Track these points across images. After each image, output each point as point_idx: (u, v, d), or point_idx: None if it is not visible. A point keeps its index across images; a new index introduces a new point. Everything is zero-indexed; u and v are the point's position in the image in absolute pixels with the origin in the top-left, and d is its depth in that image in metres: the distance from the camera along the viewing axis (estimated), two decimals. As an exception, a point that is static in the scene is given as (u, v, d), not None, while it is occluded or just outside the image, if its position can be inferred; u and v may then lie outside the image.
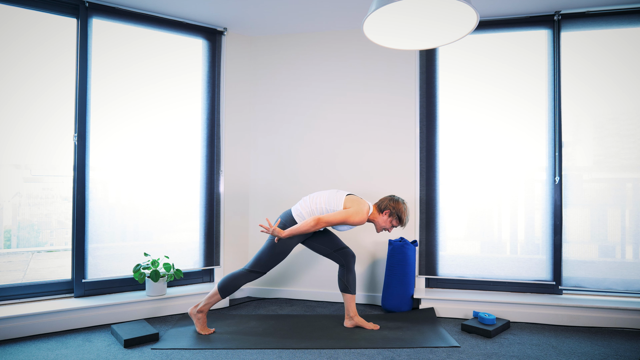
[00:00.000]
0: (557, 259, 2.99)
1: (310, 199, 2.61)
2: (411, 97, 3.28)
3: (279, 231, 2.42)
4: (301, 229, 2.43)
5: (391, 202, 2.57)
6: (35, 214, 2.92)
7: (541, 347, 2.40)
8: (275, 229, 2.42)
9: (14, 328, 2.48)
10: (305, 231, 2.44)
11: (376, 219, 2.60)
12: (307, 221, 2.43)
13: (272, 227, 2.41)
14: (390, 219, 2.57)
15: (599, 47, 2.96)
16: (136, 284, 3.06)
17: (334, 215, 2.45)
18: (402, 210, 2.56)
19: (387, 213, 2.57)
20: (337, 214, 2.45)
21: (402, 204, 2.58)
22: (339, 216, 2.45)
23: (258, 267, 2.56)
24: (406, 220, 2.59)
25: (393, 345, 2.39)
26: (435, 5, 1.84)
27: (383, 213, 2.58)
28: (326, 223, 2.44)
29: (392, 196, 2.62)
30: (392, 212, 2.56)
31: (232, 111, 3.46)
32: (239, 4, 2.95)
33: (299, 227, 2.43)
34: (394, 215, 2.56)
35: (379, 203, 2.62)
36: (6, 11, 2.69)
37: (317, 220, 2.43)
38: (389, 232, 2.65)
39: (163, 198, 3.17)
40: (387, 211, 2.56)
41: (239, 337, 2.51)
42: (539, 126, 3.06)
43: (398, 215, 2.56)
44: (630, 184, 2.93)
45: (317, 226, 2.43)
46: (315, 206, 2.56)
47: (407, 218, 2.59)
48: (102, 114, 2.94)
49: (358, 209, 2.48)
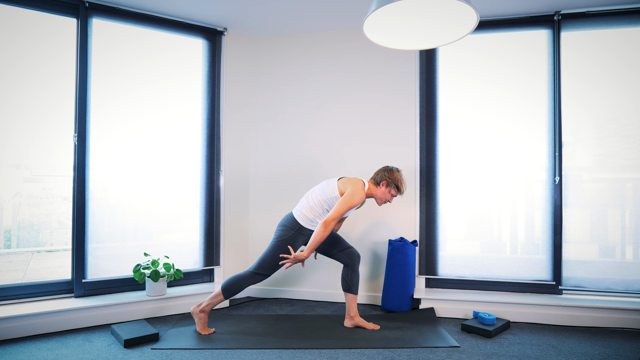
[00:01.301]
0: (557, 259, 2.99)
1: (307, 197, 2.63)
2: (411, 97, 3.28)
3: (301, 255, 2.45)
4: (316, 239, 2.44)
5: (386, 173, 2.59)
6: (35, 214, 2.92)
7: (541, 347, 2.40)
8: (297, 256, 2.44)
9: (14, 328, 2.48)
10: (321, 239, 2.44)
11: (374, 193, 2.62)
12: (316, 231, 2.44)
13: (293, 256, 2.43)
14: (389, 189, 2.59)
15: (599, 47, 2.96)
16: (136, 284, 3.06)
17: (336, 209, 2.45)
18: (398, 179, 2.58)
19: (384, 184, 2.59)
20: (338, 206, 2.45)
21: (396, 173, 2.60)
22: (341, 206, 2.45)
23: (262, 269, 2.56)
24: (404, 188, 2.61)
25: (393, 345, 2.39)
26: (435, 5, 1.84)
27: (380, 185, 2.60)
28: (334, 220, 2.44)
29: (385, 167, 2.64)
30: (388, 182, 2.58)
31: (232, 111, 3.46)
32: (239, 4, 2.95)
33: (314, 240, 2.44)
34: (391, 185, 2.58)
35: (374, 177, 2.64)
36: (6, 11, 2.69)
37: (324, 223, 2.43)
38: (390, 202, 2.68)
39: (163, 198, 3.17)
40: (384, 182, 2.58)
41: (239, 337, 2.51)
42: (539, 126, 3.06)
43: (395, 184, 2.58)
44: (630, 184, 2.93)
45: (327, 228, 2.43)
46: (313, 201, 2.58)
47: (405, 186, 2.61)
48: (102, 114, 2.94)
49: (354, 188, 2.49)
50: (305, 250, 2.46)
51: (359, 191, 2.49)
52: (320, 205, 2.57)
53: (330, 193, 2.55)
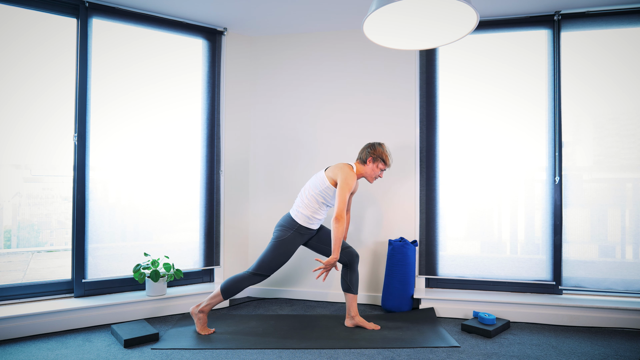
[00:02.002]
0: (557, 259, 2.99)
1: (300, 195, 2.65)
2: (411, 97, 3.28)
3: (332, 259, 2.43)
4: (337, 236, 2.43)
5: (370, 150, 2.63)
6: (35, 214, 2.92)
7: (541, 347, 2.40)
8: (329, 261, 2.43)
9: (14, 328, 2.48)
10: (341, 234, 2.44)
11: (364, 171, 2.65)
12: (333, 229, 2.44)
13: (324, 263, 2.43)
14: (376, 164, 2.63)
15: (599, 47, 2.96)
16: (136, 284, 3.06)
17: (339, 200, 2.46)
18: (382, 152, 2.62)
19: (371, 160, 2.63)
20: (339, 196, 2.46)
21: (379, 147, 2.63)
22: (342, 195, 2.46)
23: (262, 269, 2.57)
24: (390, 160, 2.65)
25: (393, 345, 2.39)
26: (435, 5, 1.84)
27: (367, 163, 2.63)
28: (342, 211, 2.44)
29: (367, 144, 2.68)
30: (374, 157, 2.62)
31: (232, 111, 3.46)
32: (239, 4, 2.95)
33: (335, 238, 2.43)
34: (377, 159, 2.62)
35: (359, 157, 2.67)
36: (6, 11, 2.69)
37: (336, 219, 2.43)
38: (381, 177, 2.74)
39: (163, 198, 3.17)
40: (370, 158, 2.63)
41: (239, 337, 2.51)
42: (539, 126, 3.06)
43: (381, 158, 2.62)
44: (630, 184, 2.93)
45: (341, 221, 2.43)
46: (307, 198, 2.60)
47: (391, 157, 2.65)
48: (102, 114, 2.94)
49: (345, 173, 2.51)
50: (333, 252, 2.45)
51: (350, 174, 2.52)
52: (315, 199, 2.58)
53: (322, 185, 2.57)
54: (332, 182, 2.56)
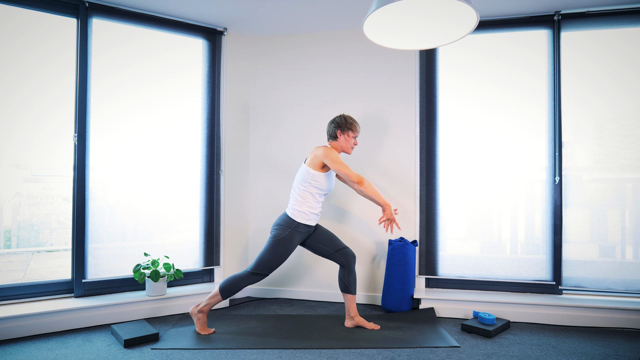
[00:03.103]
0: (557, 259, 2.99)
1: (292, 194, 2.64)
2: (411, 97, 3.28)
3: (387, 208, 2.56)
4: (373, 191, 2.54)
5: (333, 124, 2.67)
6: (35, 214, 2.92)
7: (541, 347, 2.40)
8: (386, 213, 2.55)
9: (14, 328, 2.48)
10: (375, 190, 2.55)
11: (339, 146, 2.68)
12: (365, 190, 2.53)
13: (385, 215, 2.55)
14: (346, 134, 2.65)
15: (599, 47, 2.96)
16: (136, 284, 3.06)
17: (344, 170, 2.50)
18: (345, 121, 2.66)
19: (339, 133, 2.65)
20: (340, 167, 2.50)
21: (341, 118, 2.67)
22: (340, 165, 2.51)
23: (260, 269, 2.56)
24: (356, 124, 2.67)
25: (393, 345, 2.39)
26: (435, 5, 1.84)
27: (338, 136, 2.66)
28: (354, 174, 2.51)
29: (330, 121, 2.73)
30: (342, 129, 2.64)
31: (232, 111, 3.46)
32: (239, 4, 2.95)
33: (373, 193, 2.54)
34: (344, 130, 2.64)
35: (328, 135, 2.72)
36: (6, 11, 2.69)
37: (359, 184, 2.52)
38: (357, 144, 2.83)
39: (163, 198, 3.17)
40: (338, 131, 2.65)
41: (239, 337, 2.51)
42: (539, 126, 3.06)
43: (347, 127, 2.64)
44: (630, 184, 2.93)
45: (364, 182, 2.52)
46: (299, 193, 2.59)
47: (356, 123, 2.68)
48: (102, 114, 2.94)
49: (325, 150, 2.54)
50: (382, 205, 2.55)
51: (331, 151, 2.55)
52: (308, 192, 2.58)
53: (307, 175, 2.57)
54: (317, 167, 2.55)
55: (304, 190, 2.58)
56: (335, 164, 2.50)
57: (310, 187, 2.57)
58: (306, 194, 2.58)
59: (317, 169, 2.55)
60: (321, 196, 2.64)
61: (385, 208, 2.55)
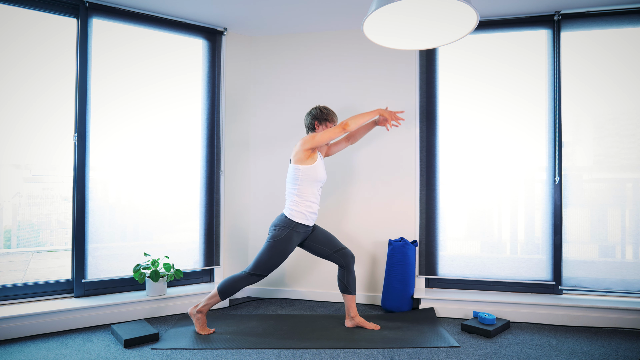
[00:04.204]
0: (557, 259, 2.99)
1: (287, 196, 2.62)
2: (411, 97, 3.28)
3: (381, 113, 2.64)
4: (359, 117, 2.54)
5: (310, 117, 2.71)
6: (35, 214, 2.92)
7: (541, 347, 2.40)
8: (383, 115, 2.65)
9: (14, 328, 2.48)
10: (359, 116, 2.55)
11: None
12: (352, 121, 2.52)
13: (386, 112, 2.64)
14: (324, 125, 2.68)
15: (599, 47, 2.96)
16: (136, 284, 3.06)
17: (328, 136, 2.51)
18: (320, 113, 2.68)
19: (317, 124, 2.68)
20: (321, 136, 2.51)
21: (317, 110, 2.69)
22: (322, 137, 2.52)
23: (258, 269, 2.56)
24: (333, 115, 2.70)
25: (393, 345, 2.39)
26: (435, 5, 1.84)
27: (316, 128, 2.68)
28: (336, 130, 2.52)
29: (306, 114, 2.74)
30: (319, 120, 2.67)
31: (232, 111, 3.46)
32: (239, 4, 2.95)
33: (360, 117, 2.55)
34: (322, 121, 2.67)
35: (306, 128, 2.74)
36: (6, 11, 2.69)
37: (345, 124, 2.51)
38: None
39: (163, 198, 3.17)
40: (316, 122, 2.68)
41: (239, 337, 2.51)
42: (539, 126, 3.06)
43: (324, 118, 2.67)
44: (630, 184, 2.93)
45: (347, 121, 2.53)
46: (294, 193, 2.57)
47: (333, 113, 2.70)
48: (102, 114, 2.94)
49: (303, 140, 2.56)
50: (375, 113, 2.59)
51: (303, 139, 2.57)
52: (303, 187, 2.56)
53: (297, 172, 2.56)
54: (303, 161, 2.55)
55: (297, 189, 2.56)
56: (316, 140, 2.52)
57: (304, 182, 2.55)
58: (302, 190, 2.56)
59: (304, 163, 2.54)
60: (318, 189, 2.63)
61: (379, 113, 2.61)
